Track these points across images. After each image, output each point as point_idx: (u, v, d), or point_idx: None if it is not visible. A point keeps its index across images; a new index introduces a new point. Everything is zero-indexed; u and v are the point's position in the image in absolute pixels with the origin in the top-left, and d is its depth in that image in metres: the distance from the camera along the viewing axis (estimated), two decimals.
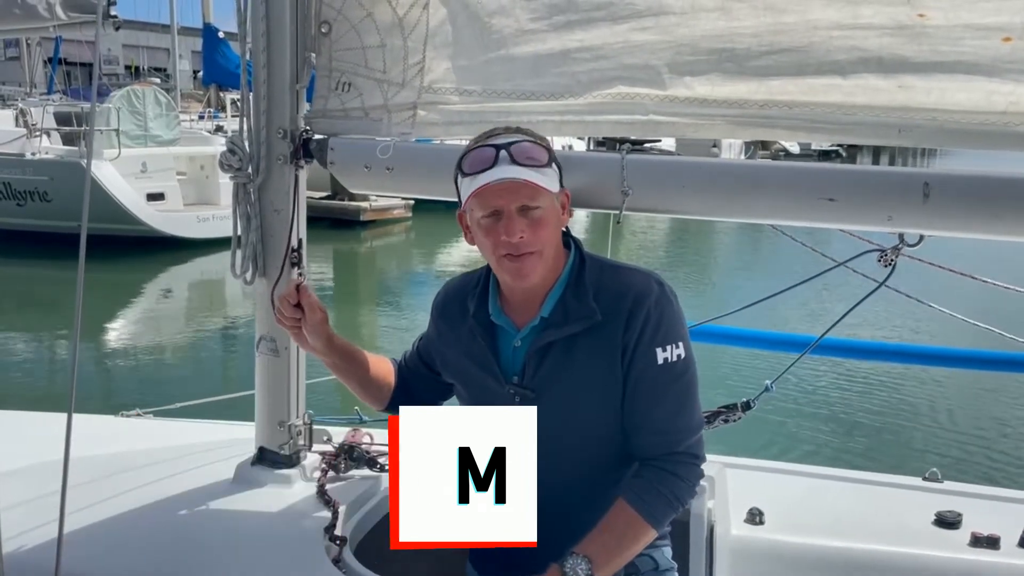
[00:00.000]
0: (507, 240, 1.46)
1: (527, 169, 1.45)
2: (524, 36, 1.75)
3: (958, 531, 1.96)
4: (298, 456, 1.98)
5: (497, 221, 1.48)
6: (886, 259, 1.70)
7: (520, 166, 1.45)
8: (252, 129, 1.89)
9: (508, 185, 1.45)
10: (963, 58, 1.48)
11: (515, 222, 1.46)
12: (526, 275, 1.50)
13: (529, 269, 1.49)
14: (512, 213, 1.46)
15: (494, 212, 1.48)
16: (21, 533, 1.68)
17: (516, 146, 1.47)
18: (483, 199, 1.48)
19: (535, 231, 1.47)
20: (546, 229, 1.49)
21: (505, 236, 1.46)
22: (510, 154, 1.46)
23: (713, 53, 1.63)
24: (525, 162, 1.46)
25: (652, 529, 1.48)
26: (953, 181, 1.53)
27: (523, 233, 1.46)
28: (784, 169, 1.68)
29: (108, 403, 6.67)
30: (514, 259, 1.48)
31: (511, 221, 1.46)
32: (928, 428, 6.47)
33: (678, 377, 1.51)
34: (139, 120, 14.45)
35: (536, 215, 1.47)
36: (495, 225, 1.48)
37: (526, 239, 1.46)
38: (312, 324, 1.67)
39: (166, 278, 12.70)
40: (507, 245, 1.47)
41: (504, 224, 1.47)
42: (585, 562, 1.40)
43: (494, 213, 1.48)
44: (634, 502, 1.47)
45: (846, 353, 3.32)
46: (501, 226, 1.47)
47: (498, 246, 1.48)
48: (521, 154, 1.46)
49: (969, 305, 2.32)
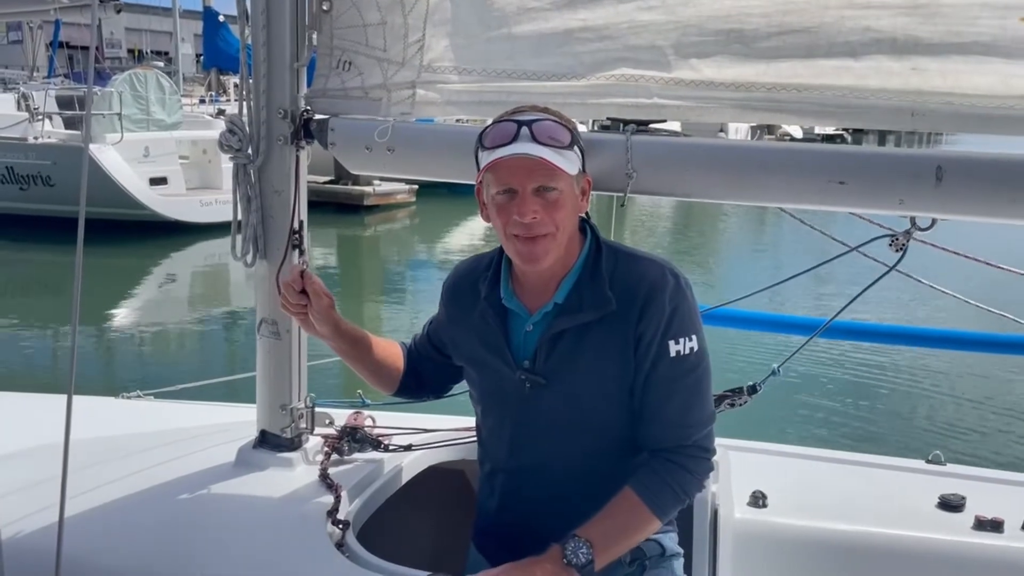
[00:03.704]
0: (519, 220, 1.44)
1: (547, 148, 1.43)
2: (526, 15, 1.72)
3: (962, 514, 1.95)
4: (300, 439, 1.97)
5: (511, 200, 1.45)
6: (897, 243, 1.67)
7: (540, 144, 1.43)
8: (252, 109, 1.86)
9: (524, 162, 1.42)
10: (979, 39, 1.45)
11: (529, 202, 1.44)
12: (537, 258, 1.47)
13: (541, 252, 1.47)
14: (527, 193, 1.44)
15: (508, 190, 1.46)
16: (21, 517, 1.68)
17: (538, 124, 1.45)
18: (498, 175, 1.46)
19: (549, 213, 1.45)
20: (561, 212, 1.46)
21: (517, 216, 1.44)
22: (531, 131, 1.43)
23: (720, 34, 1.60)
24: (546, 141, 1.43)
25: (656, 519, 1.48)
26: (967, 163, 1.50)
27: (536, 213, 1.44)
28: (794, 151, 1.64)
29: (109, 385, 6.69)
30: (525, 241, 1.46)
31: (525, 201, 1.44)
32: (932, 411, 6.47)
33: (691, 370, 1.50)
34: (141, 104, 14.40)
35: (552, 196, 1.45)
36: (508, 203, 1.46)
37: (540, 219, 1.44)
38: (319, 310, 1.65)
39: (169, 262, 12.70)
40: (519, 226, 1.45)
41: (518, 203, 1.44)
42: (586, 546, 1.40)
43: (508, 191, 1.46)
44: (640, 491, 1.46)
45: (855, 336, 3.30)
46: (514, 205, 1.45)
47: (509, 225, 1.46)
48: (543, 132, 1.44)
49: (978, 289, 2.30)
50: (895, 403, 6.59)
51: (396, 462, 1.98)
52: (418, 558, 1.75)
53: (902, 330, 3.34)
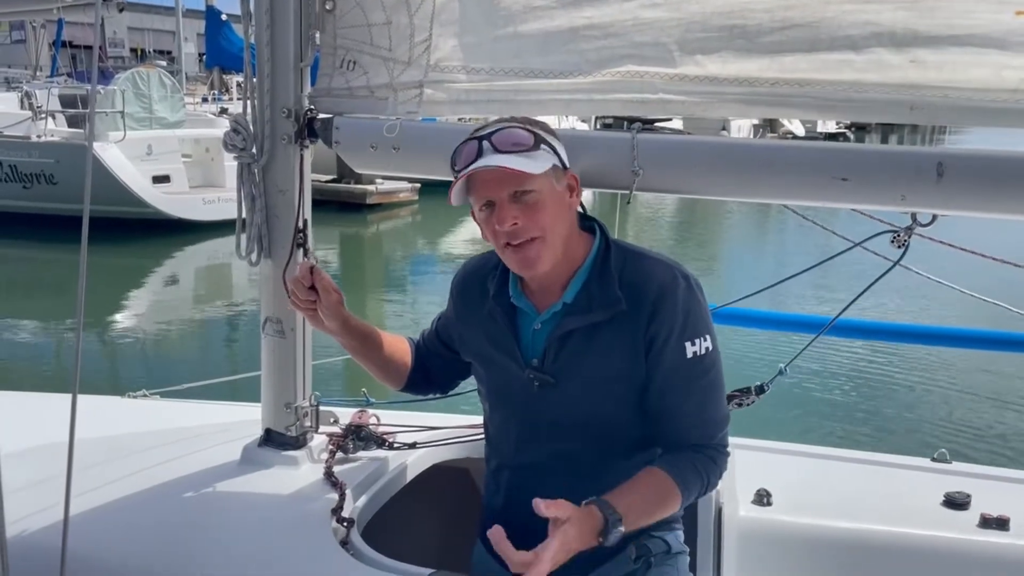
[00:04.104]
0: (500, 229, 1.46)
1: (511, 156, 1.44)
2: (532, 13, 1.72)
3: (967, 512, 1.95)
4: (305, 437, 1.98)
5: (492, 212, 1.48)
6: (899, 239, 1.68)
7: (503, 154, 1.44)
8: (256, 108, 1.87)
9: (491, 174, 1.44)
10: (976, 31, 1.45)
11: (506, 209, 1.45)
12: (531, 263, 1.48)
13: (533, 256, 1.47)
14: (503, 201, 1.46)
15: (487, 203, 1.48)
16: (27, 515, 1.68)
17: (498, 134, 1.46)
18: (476, 192, 1.49)
19: (530, 216, 1.46)
20: (543, 212, 1.46)
21: (497, 225, 1.46)
22: (492, 144, 1.45)
23: (724, 30, 1.61)
24: (509, 149, 1.45)
25: (680, 496, 1.46)
26: (968, 160, 1.51)
27: (516, 219, 1.45)
28: (797, 148, 1.65)
29: (114, 385, 6.71)
30: (515, 248, 1.47)
31: (502, 209, 1.46)
32: (937, 409, 6.45)
33: (707, 370, 1.50)
34: (144, 103, 14.41)
35: (530, 199, 1.46)
36: (491, 216, 1.48)
37: (521, 225, 1.45)
38: (328, 306, 1.65)
39: (172, 260, 12.71)
40: (504, 234, 1.46)
41: (496, 213, 1.46)
42: (621, 524, 1.36)
43: (488, 204, 1.48)
44: (669, 469, 1.46)
45: (860, 334, 3.30)
46: (495, 216, 1.47)
47: (497, 236, 1.48)
48: (504, 141, 1.45)
49: (981, 286, 2.30)
50: (900, 401, 6.58)
51: (400, 460, 1.98)
52: (422, 556, 1.75)
53: (907, 328, 3.33)
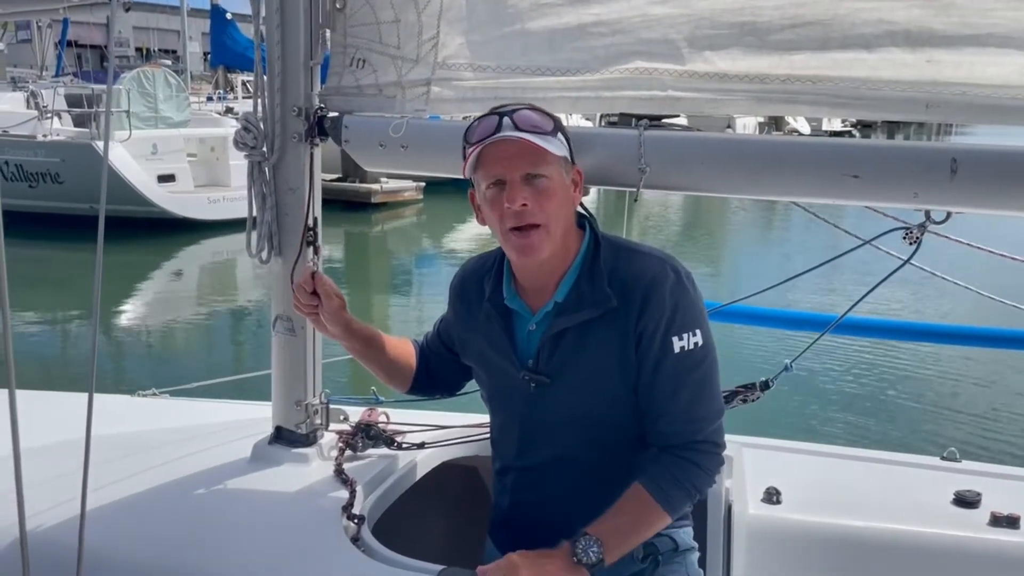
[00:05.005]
0: (510, 208, 1.44)
1: (530, 134, 1.43)
2: (540, 10, 1.72)
3: (977, 511, 1.95)
4: (315, 435, 1.98)
5: (501, 191, 1.45)
6: (911, 237, 1.66)
7: (523, 131, 1.43)
8: (266, 107, 1.87)
9: (509, 147, 1.43)
10: (995, 30, 1.44)
11: (518, 189, 1.44)
12: (532, 249, 1.47)
13: (536, 243, 1.46)
14: (515, 180, 1.44)
15: (497, 181, 1.46)
16: (44, 510, 1.70)
17: (519, 113, 1.46)
18: (486, 168, 1.46)
19: (539, 201, 1.44)
20: (552, 201, 1.46)
21: (507, 203, 1.44)
22: (513, 121, 1.44)
23: (734, 27, 1.60)
24: (529, 128, 1.44)
25: (667, 515, 1.47)
26: (982, 156, 1.48)
27: (526, 200, 1.43)
28: (807, 145, 1.64)
29: (121, 381, 6.73)
30: (520, 233, 1.46)
31: (513, 188, 1.44)
32: (946, 407, 6.43)
33: (696, 365, 1.48)
34: (149, 102, 14.46)
35: (541, 184, 1.45)
36: (499, 195, 1.46)
37: (530, 208, 1.44)
38: (330, 311, 1.66)
39: (178, 259, 12.74)
40: (512, 216, 1.44)
41: (507, 192, 1.44)
42: (597, 544, 1.40)
43: (498, 182, 1.46)
44: (650, 487, 1.46)
45: (869, 332, 3.28)
46: (504, 195, 1.45)
47: (504, 218, 1.46)
48: (524, 121, 1.44)
49: (993, 284, 2.28)
50: (909, 399, 6.56)
51: (410, 458, 1.99)
52: (432, 553, 1.75)
53: (915, 326, 3.32)
